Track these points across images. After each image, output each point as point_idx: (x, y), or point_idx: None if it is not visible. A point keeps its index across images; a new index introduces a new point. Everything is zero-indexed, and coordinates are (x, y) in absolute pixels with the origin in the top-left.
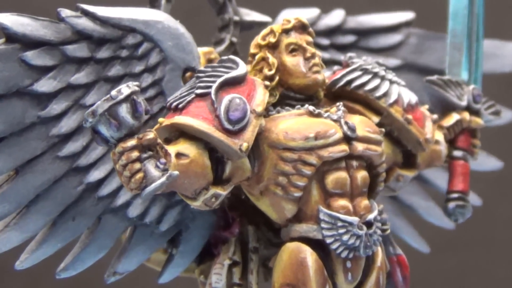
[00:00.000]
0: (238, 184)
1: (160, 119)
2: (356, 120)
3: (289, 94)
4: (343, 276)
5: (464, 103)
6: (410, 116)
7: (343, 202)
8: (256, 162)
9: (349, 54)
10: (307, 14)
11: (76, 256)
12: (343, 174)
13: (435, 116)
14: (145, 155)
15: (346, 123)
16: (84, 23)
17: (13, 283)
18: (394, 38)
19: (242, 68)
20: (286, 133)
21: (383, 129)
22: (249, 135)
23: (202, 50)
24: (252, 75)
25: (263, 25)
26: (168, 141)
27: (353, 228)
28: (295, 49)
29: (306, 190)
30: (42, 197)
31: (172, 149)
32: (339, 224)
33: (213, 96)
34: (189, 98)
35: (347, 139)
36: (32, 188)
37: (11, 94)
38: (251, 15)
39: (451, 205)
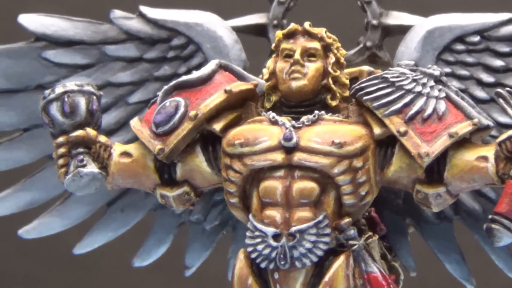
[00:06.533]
0: (213, 187)
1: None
2: (315, 130)
3: (282, 100)
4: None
5: None
6: (403, 128)
7: (270, 212)
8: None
9: (401, 62)
10: (490, 18)
11: (142, 247)
12: (273, 183)
13: (452, 130)
14: (74, 152)
15: (285, 132)
16: (132, 24)
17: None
18: None
19: (200, 72)
20: (228, 139)
21: (337, 141)
22: (172, 139)
23: None
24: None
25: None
26: None
27: (267, 239)
28: (289, 55)
29: (250, 198)
30: None
31: (120, 147)
32: (256, 233)
33: (158, 99)
34: (152, 101)
35: (287, 149)
36: None
37: (30, 89)
38: (401, 19)
39: (485, 226)
